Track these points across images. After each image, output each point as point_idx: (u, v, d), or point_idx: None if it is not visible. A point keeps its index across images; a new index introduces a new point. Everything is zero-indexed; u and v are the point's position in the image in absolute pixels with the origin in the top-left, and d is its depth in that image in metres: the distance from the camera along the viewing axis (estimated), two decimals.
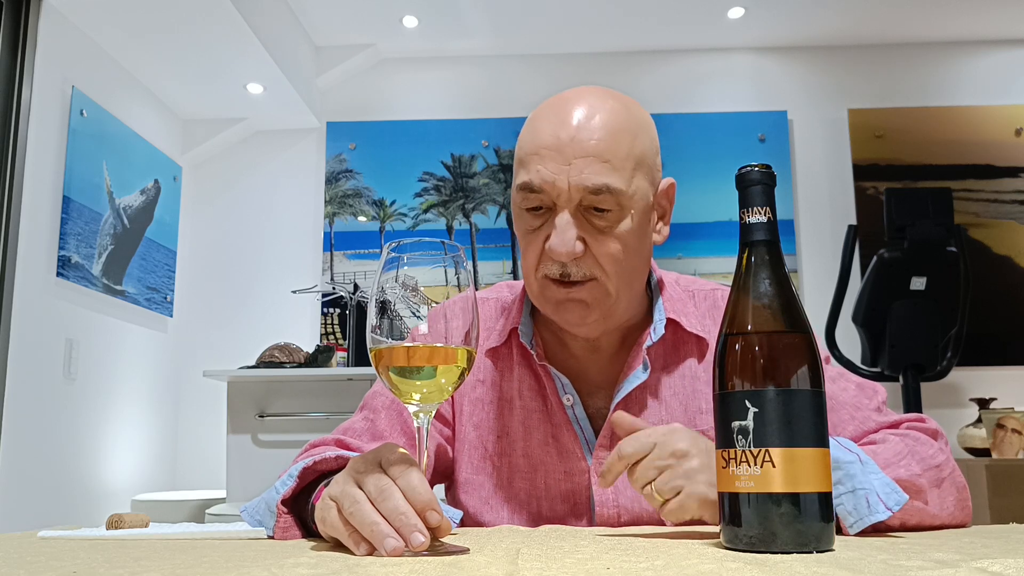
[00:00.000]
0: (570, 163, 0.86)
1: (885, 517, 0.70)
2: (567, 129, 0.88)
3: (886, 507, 0.70)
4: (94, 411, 2.99)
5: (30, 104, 2.66)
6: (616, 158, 0.87)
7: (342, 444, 0.95)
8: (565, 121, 0.88)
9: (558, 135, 0.88)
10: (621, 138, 0.88)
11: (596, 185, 0.86)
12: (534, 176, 0.88)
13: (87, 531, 0.80)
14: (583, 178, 0.86)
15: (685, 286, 1.06)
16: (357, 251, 3.69)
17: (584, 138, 0.87)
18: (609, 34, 3.72)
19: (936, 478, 0.82)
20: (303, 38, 3.61)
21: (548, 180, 0.87)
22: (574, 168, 0.86)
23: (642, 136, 0.91)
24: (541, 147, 0.88)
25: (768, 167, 0.64)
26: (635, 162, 0.89)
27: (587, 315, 0.91)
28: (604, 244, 0.88)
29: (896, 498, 0.71)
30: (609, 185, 0.86)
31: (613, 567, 0.50)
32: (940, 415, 3.43)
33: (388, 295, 0.66)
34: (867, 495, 0.71)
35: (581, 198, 0.87)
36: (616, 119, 0.89)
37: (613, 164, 0.87)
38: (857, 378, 0.97)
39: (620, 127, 0.89)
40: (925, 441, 0.86)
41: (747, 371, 0.60)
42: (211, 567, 0.53)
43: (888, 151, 3.69)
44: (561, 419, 0.97)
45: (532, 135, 0.90)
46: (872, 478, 0.72)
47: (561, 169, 0.87)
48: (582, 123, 0.88)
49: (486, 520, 0.97)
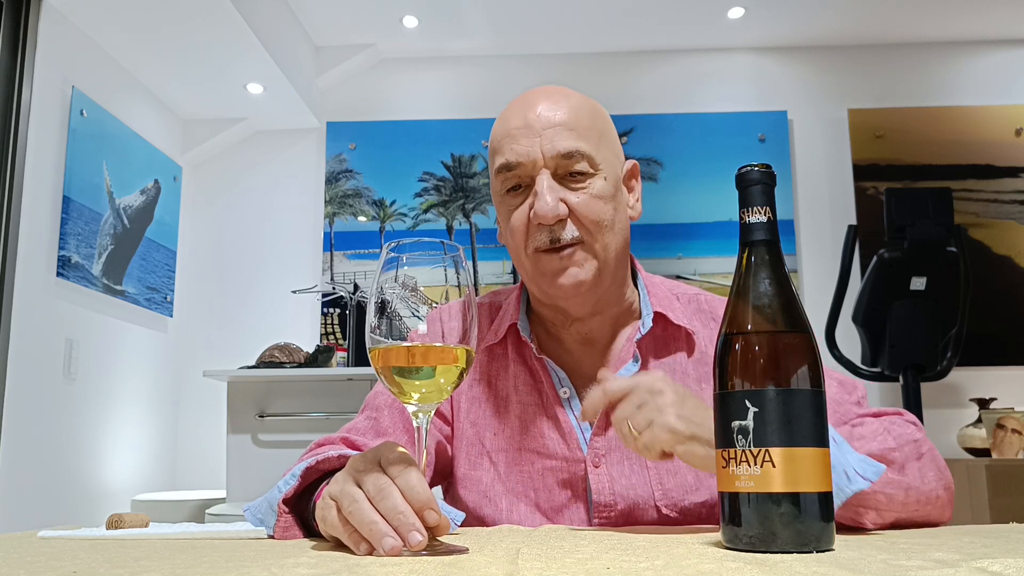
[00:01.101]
0: (540, 135, 0.94)
1: (865, 487, 0.72)
2: (533, 110, 0.95)
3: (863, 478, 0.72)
4: (94, 411, 2.99)
5: (30, 104, 2.66)
6: (581, 127, 0.95)
7: (348, 442, 0.96)
8: (531, 105, 0.96)
9: (526, 115, 0.95)
10: (583, 113, 0.97)
11: (568, 149, 0.93)
12: (509, 155, 0.95)
13: (87, 531, 0.80)
14: (555, 144, 0.93)
15: (669, 288, 1.09)
16: (357, 251, 3.69)
17: (551, 114, 0.95)
18: (609, 34, 3.72)
19: (915, 452, 0.83)
20: (303, 38, 3.61)
21: (523, 154, 0.94)
22: (545, 138, 0.93)
23: (601, 118, 0.99)
24: (512, 129, 0.96)
25: (768, 167, 0.64)
26: (599, 134, 0.97)
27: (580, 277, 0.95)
28: (585, 204, 0.94)
29: (873, 469, 0.73)
30: (579, 149, 0.93)
31: (613, 567, 0.50)
32: (940, 415, 3.43)
33: (387, 295, 0.66)
34: (845, 469, 0.72)
35: (556, 165, 0.93)
36: (577, 101, 0.98)
37: (579, 132, 0.94)
38: (839, 375, 0.99)
39: (581, 106, 0.97)
40: (901, 423, 0.88)
41: (747, 371, 0.60)
42: (211, 567, 0.53)
43: (888, 151, 3.69)
44: (557, 411, 0.99)
45: (502, 124, 0.98)
46: (848, 455, 0.74)
47: (533, 142, 0.94)
48: (548, 104, 0.96)
49: (485, 513, 0.98)
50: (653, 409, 0.76)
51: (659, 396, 0.77)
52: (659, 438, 0.75)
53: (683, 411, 0.76)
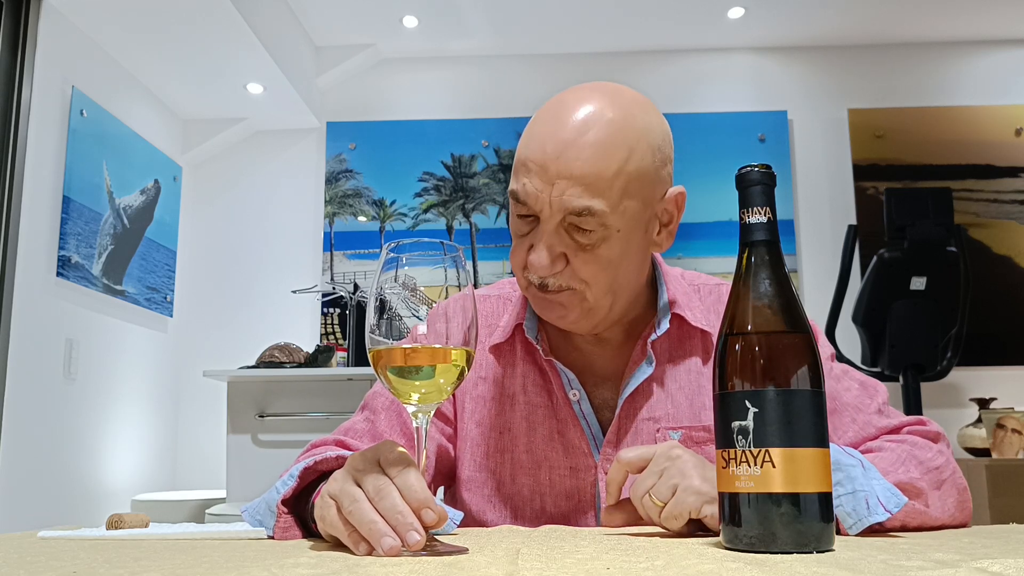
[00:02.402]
0: (553, 183, 0.86)
1: (884, 519, 0.70)
2: (555, 144, 0.86)
3: (885, 509, 0.70)
4: (94, 411, 2.99)
5: (30, 104, 2.66)
6: (602, 180, 0.85)
7: (342, 444, 0.95)
8: (556, 133, 0.87)
9: (545, 149, 0.86)
10: (612, 158, 0.85)
11: (577, 208, 0.85)
12: (519, 188, 0.89)
13: (87, 531, 0.80)
14: (564, 200, 0.85)
15: (690, 280, 1.06)
16: (357, 251, 3.69)
17: (571, 157, 0.85)
18: (609, 34, 3.72)
19: (936, 480, 0.82)
20: (303, 38, 3.61)
21: (532, 195, 0.87)
22: (556, 188, 0.86)
23: (640, 149, 0.87)
24: (529, 159, 0.88)
25: (768, 167, 0.64)
26: (626, 181, 0.86)
27: (565, 315, 0.93)
28: (585, 261, 0.89)
29: (895, 500, 0.71)
30: (591, 208, 0.85)
31: (613, 567, 0.50)
32: (940, 415, 3.43)
33: (387, 295, 0.66)
34: (867, 497, 0.71)
35: (563, 216, 0.87)
36: (610, 135, 0.86)
37: (598, 187, 0.85)
38: (861, 376, 0.97)
39: (614, 143, 0.86)
40: (924, 445, 0.86)
41: (747, 371, 0.60)
42: (211, 567, 0.53)
43: (888, 151, 3.69)
44: (567, 414, 0.97)
45: (527, 140, 0.90)
46: (874, 483, 0.72)
47: (544, 187, 0.86)
48: (572, 139, 0.86)
49: (489, 518, 0.97)
50: (676, 474, 0.75)
51: (679, 461, 0.76)
52: (686, 502, 0.73)
53: (706, 473, 0.74)
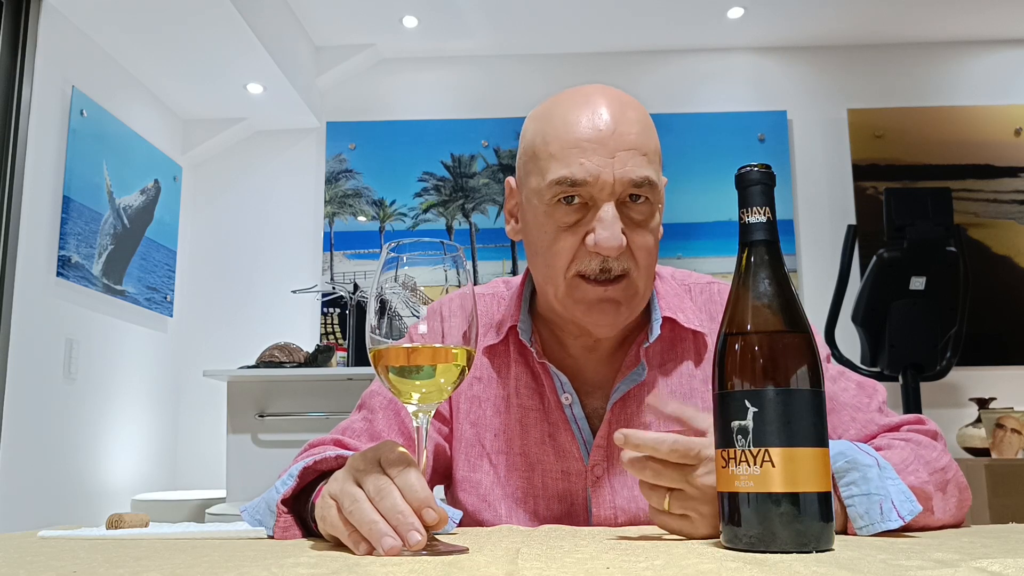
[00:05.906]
0: (614, 156, 0.86)
1: (897, 526, 0.69)
2: (606, 122, 0.87)
3: (899, 515, 0.69)
4: (94, 411, 2.99)
5: (30, 104, 2.66)
6: (651, 151, 0.89)
7: (341, 444, 0.94)
8: (600, 114, 0.88)
9: (598, 127, 0.87)
10: (651, 132, 0.91)
11: (640, 178, 0.86)
12: (576, 170, 0.86)
13: (87, 531, 0.80)
14: (627, 171, 0.86)
15: (681, 280, 1.05)
16: (357, 251, 3.69)
17: (625, 131, 0.87)
18: (609, 34, 3.72)
19: (941, 481, 0.82)
20: (303, 38, 3.61)
21: (593, 173, 0.86)
22: (618, 161, 0.86)
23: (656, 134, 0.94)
24: (581, 140, 0.87)
25: (768, 167, 0.64)
26: (659, 156, 0.92)
27: (619, 315, 0.91)
28: (641, 237, 0.89)
29: (910, 507, 0.70)
30: (649, 178, 0.87)
31: (613, 567, 0.50)
32: (940, 415, 3.43)
33: (387, 295, 0.66)
34: (881, 501, 0.70)
35: (623, 191, 0.87)
36: (642, 114, 0.92)
37: (649, 157, 0.89)
38: (857, 377, 0.97)
39: (647, 122, 0.92)
40: (928, 444, 0.86)
41: (747, 371, 0.60)
42: (211, 567, 0.53)
43: (888, 151, 3.69)
44: (558, 418, 0.97)
45: (564, 128, 0.88)
46: (889, 484, 0.71)
47: (606, 162, 0.86)
48: (618, 116, 0.88)
49: (484, 518, 0.97)
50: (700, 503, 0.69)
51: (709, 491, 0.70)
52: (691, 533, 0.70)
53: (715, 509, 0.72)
